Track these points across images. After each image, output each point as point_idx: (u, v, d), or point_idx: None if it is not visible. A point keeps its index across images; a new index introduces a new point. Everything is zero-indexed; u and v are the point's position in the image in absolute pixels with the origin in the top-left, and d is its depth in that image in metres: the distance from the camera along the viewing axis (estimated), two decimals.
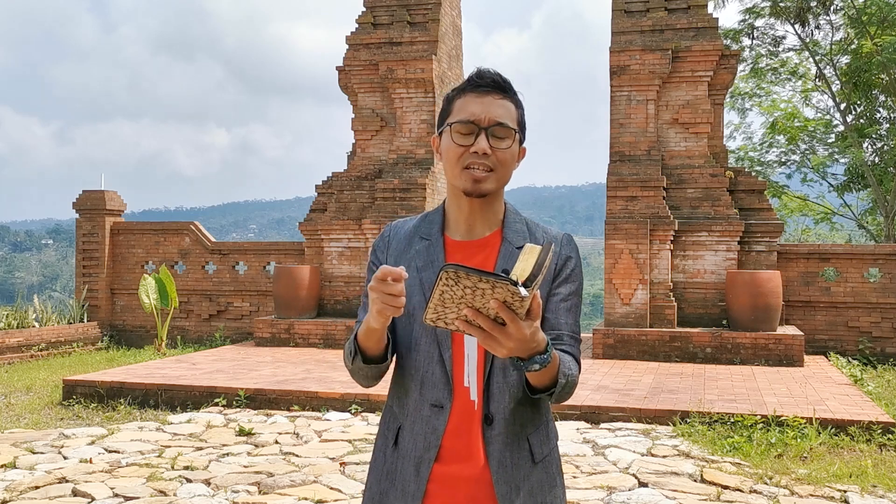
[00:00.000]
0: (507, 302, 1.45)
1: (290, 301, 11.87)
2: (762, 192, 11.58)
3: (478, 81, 1.79)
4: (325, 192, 12.99)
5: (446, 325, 1.52)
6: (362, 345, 1.74)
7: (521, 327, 1.49)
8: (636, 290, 10.96)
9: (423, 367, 1.79)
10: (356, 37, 12.93)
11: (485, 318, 1.48)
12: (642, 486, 5.41)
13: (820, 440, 6.53)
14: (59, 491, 5.33)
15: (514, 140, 1.79)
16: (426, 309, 1.48)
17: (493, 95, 1.78)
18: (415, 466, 1.77)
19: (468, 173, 1.76)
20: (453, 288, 1.43)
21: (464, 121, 1.76)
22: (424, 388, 1.79)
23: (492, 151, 1.75)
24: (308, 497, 5.18)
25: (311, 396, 7.92)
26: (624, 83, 11.69)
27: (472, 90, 1.79)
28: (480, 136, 1.75)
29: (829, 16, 20.08)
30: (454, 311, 1.48)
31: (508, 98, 1.80)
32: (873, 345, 11.25)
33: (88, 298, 13.75)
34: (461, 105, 1.79)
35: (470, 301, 1.46)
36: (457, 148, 1.77)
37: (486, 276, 1.41)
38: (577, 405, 7.38)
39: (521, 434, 1.78)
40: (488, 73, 1.80)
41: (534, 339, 1.53)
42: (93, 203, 13.85)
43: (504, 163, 1.78)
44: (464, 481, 1.75)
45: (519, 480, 1.76)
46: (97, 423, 7.54)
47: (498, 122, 1.76)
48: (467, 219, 1.83)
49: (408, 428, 1.81)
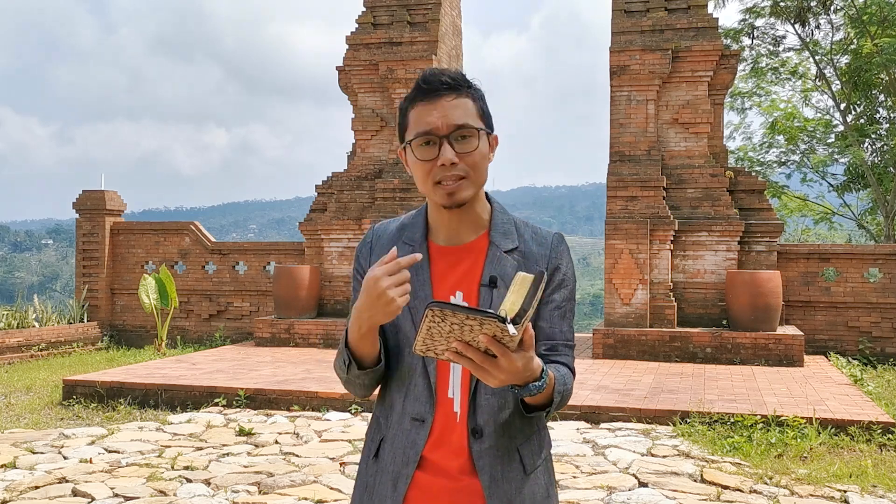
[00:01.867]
0: (496, 336, 1.42)
1: (290, 301, 11.87)
2: (762, 192, 11.59)
3: (426, 87, 1.68)
4: (325, 192, 12.99)
5: (436, 355, 1.48)
6: (357, 351, 1.67)
7: (513, 360, 1.45)
8: (636, 290, 10.96)
9: (407, 378, 1.74)
10: (356, 37, 12.93)
11: (475, 351, 1.44)
12: (642, 486, 5.41)
13: (820, 440, 6.53)
14: (59, 491, 5.33)
15: (479, 138, 1.69)
16: (415, 340, 1.45)
17: (445, 98, 1.67)
18: (392, 481, 1.72)
19: (440, 188, 1.67)
20: (440, 324, 1.40)
21: (421, 133, 1.66)
22: (407, 401, 1.74)
23: (459, 159, 1.66)
24: (308, 497, 5.17)
25: (311, 396, 7.92)
26: (624, 83, 11.69)
27: (422, 98, 1.68)
28: (443, 145, 1.65)
29: (830, 16, 20.09)
30: (443, 343, 1.45)
31: (463, 94, 1.69)
32: (873, 345, 11.25)
33: (88, 298, 13.75)
34: (415, 116, 1.69)
35: (458, 335, 1.42)
36: (422, 164, 1.68)
37: (472, 314, 1.37)
38: (577, 405, 7.38)
39: (511, 446, 1.73)
40: (434, 74, 1.69)
41: (527, 369, 1.49)
42: (93, 203, 13.85)
43: (475, 165, 1.68)
44: (448, 492, 1.70)
45: (511, 494, 1.71)
46: (97, 423, 7.54)
47: (457, 124, 1.66)
48: (449, 225, 1.76)
49: (389, 441, 1.76)
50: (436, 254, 1.77)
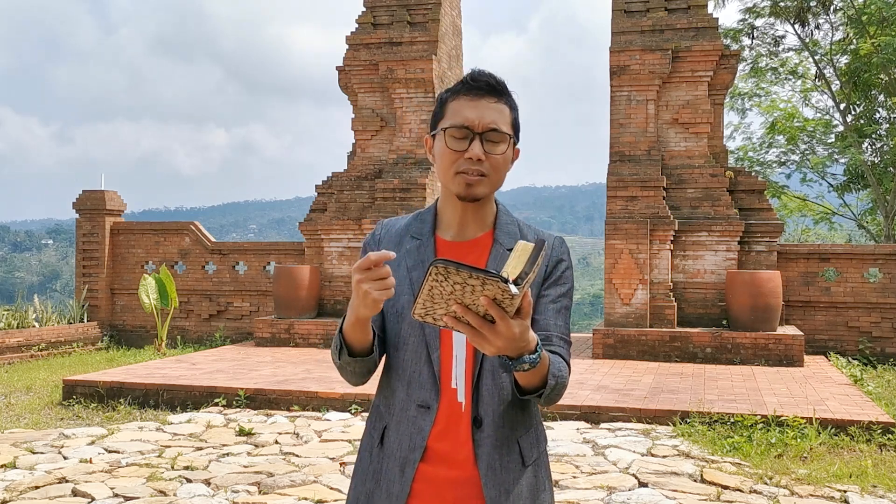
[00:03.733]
0: (496, 299, 1.44)
1: (290, 301, 11.87)
2: (762, 192, 11.59)
3: (472, 84, 1.76)
4: (325, 192, 12.99)
5: (434, 320, 1.50)
6: (348, 338, 1.71)
7: (511, 325, 1.47)
8: (636, 290, 10.96)
9: (411, 366, 1.78)
10: (356, 37, 12.93)
11: (474, 315, 1.47)
12: (642, 486, 5.41)
13: (820, 440, 6.53)
14: (59, 491, 5.33)
15: (508, 144, 1.77)
16: (414, 303, 1.47)
17: (487, 99, 1.76)
18: (400, 467, 1.76)
19: (461, 178, 1.75)
20: (442, 283, 1.42)
21: (458, 125, 1.74)
22: (411, 388, 1.77)
23: (486, 157, 1.74)
24: (308, 497, 5.18)
25: (311, 396, 7.92)
26: (624, 83, 11.70)
27: (465, 93, 1.77)
28: (475, 141, 1.73)
29: (829, 16, 20.09)
30: (443, 306, 1.47)
31: (503, 101, 1.78)
32: (873, 345, 11.25)
33: (88, 298, 13.75)
34: (455, 108, 1.76)
35: (459, 297, 1.44)
36: (451, 153, 1.75)
37: (476, 273, 1.40)
38: (577, 405, 7.38)
39: (511, 437, 1.77)
40: (483, 74, 1.77)
41: (523, 338, 1.51)
42: (93, 203, 13.85)
43: (497, 168, 1.77)
44: (450, 482, 1.73)
45: (508, 484, 1.74)
46: (97, 423, 7.54)
47: (492, 127, 1.74)
48: (460, 220, 1.82)
49: (393, 428, 1.79)
50: (442, 248, 1.83)
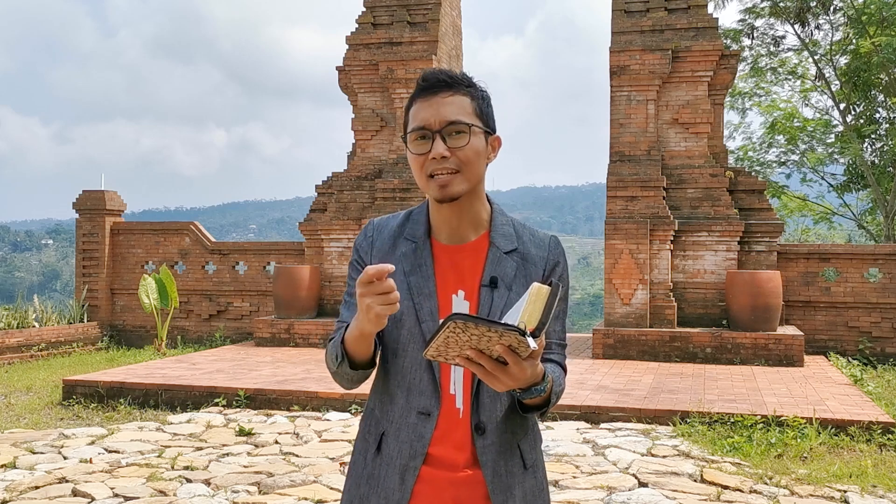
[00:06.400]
0: (511, 347, 1.46)
1: (290, 301, 11.87)
2: (762, 192, 11.59)
3: (423, 84, 1.74)
4: (325, 192, 12.99)
5: (447, 360, 1.52)
6: (350, 350, 1.69)
7: (524, 368, 1.50)
8: (636, 290, 10.96)
9: (411, 373, 1.76)
10: (356, 37, 12.93)
11: (487, 359, 1.49)
12: (642, 486, 5.41)
13: (820, 440, 6.53)
14: (59, 491, 5.33)
15: (471, 134, 1.72)
16: (428, 346, 1.48)
17: (441, 95, 1.72)
18: (400, 474, 1.74)
19: (433, 181, 1.71)
20: (460, 335, 1.44)
21: (416, 128, 1.72)
22: (411, 395, 1.76)
23: (450, 153, 1.70)
24: (308, 497, 5.18)
25: (311, 396, 7.92)
26: (624, 83, 11.70)
27: (419, 95, 1.74)
28: (435, 140, 1.70)
29: (829, 16, 20.10)
30: (457, 350, 1.49)
31: (458, 92, 1.73)
32: (873, 345, 11.25)
33: (88, 298, 13.75)
34: (413, 113, 1.74)
35: (475, 345, 1.47)
36: (417, 158, 1.72)
37: (495, 327, 1.41)
38: (577, 405, 7.38)
39: (513, 442, 1.78)
40: (432, 73, 1.74)
41: (534, 376, 1.54)
42: (93, 203, 13.85)
43: (468, 161, 1.71)
44: (449, 483, 1.73)
45: (514, 488, 1.76)
46: (97, 423, 7.54)
47: (449, 120, 1.70)
48: (449, 222, 1.79)
49: (392, 434, 1.77)
50: (439, 251, 1.81)
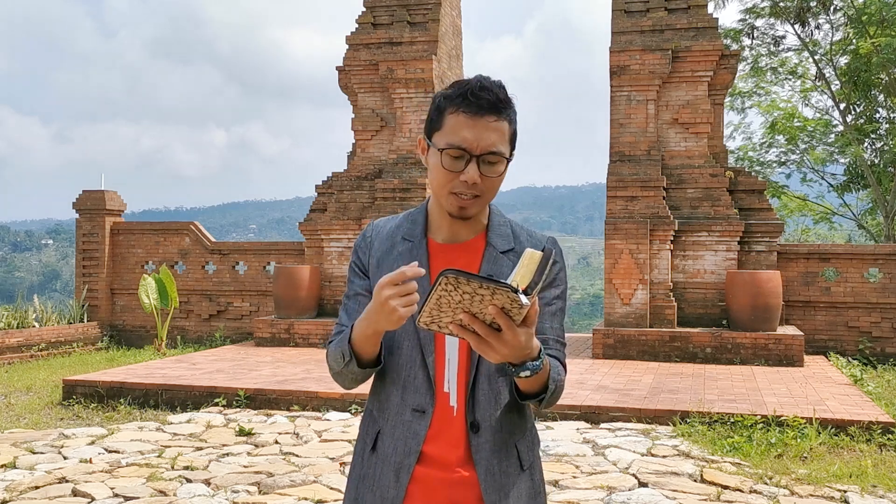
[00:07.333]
0: (504, 308, 1.44)
1: (290, 301, 11.87)
2: (762, 192, 11.59)
3: (472, 101, 1.67)
4: (325, 192, 12.99)
5: (440, 328, 1.50)
6: (358, 349, 1.69)
7: (517, 334, 1.48)
8: (636, 290, 10.96)
9: (406, 370, 1.77)
10: (356, 37, 12.93)
11: (481, 324, 1.47)
12: (642, 486, 5.41)
13: (820, 440, 6.53)
14: (59, 491, 5.33)
15: (504, 165, 1.72)
16: (420, 311, 1.46)
17: (487, 118, 1.67)
18: (394, 472, 1.74)
19: (454, 198, 1.70)
20: (451, 293, 1.42)
21: (455, 146, 1.67)
22: (406, 393, 1.76)
23: (481, 180, 1.68)
24: (308, 497, 5.18)
25: (311, 396, 7.92)
26: (624, 83, 11.70)
27: (465, 109, 1.67)
28: (471, 164, 1.67)
29: (829, 16, 20.10)
30: (449, 315, 1.46)
31: (504, 117, 1.70)
32: (873, 345, 11.25)
33: (88, 298, 13.75)
34: (453, 125, 1.68)
35: (467, 306, 1.44)
36: (446, 173, 1.69)
37: (486, 283, 1.39)
38: (577, 405, 7.38)
39: (509, 441, 1.77)
40: (485, 90, 1.67)
41: (528, 346, 1.51)
42: (93, 203, 13.85)
43: (493, 188, 1.72)
44: (442, 482, 1.73)
45: (508, 488, 1.75)
46: (97, 423, 7.54)
47: (491, 150, 1.67)
48: (451, 225, 1.79)
49: (388, 432, 1.77)
50: (434, 250, 1.81)
